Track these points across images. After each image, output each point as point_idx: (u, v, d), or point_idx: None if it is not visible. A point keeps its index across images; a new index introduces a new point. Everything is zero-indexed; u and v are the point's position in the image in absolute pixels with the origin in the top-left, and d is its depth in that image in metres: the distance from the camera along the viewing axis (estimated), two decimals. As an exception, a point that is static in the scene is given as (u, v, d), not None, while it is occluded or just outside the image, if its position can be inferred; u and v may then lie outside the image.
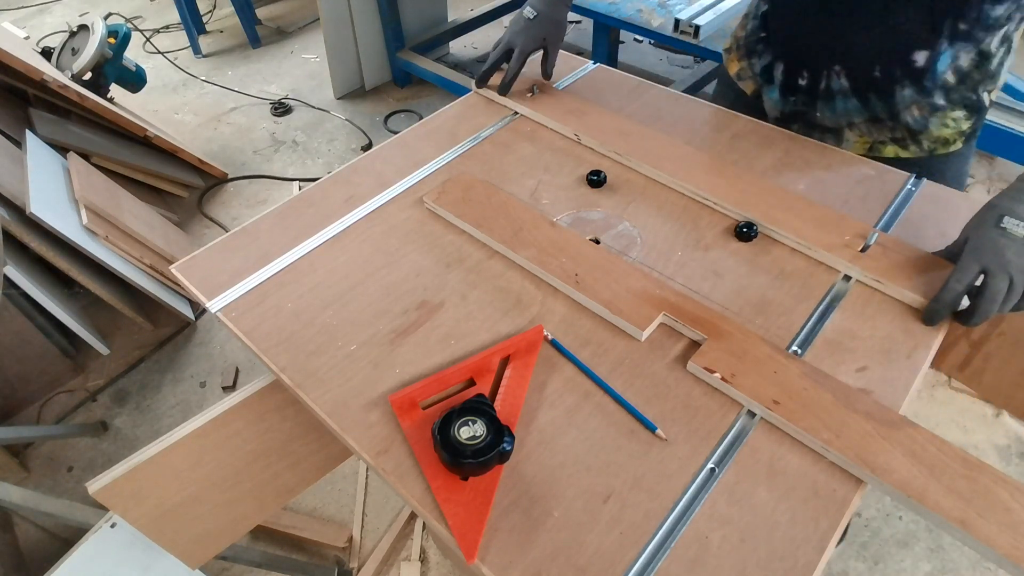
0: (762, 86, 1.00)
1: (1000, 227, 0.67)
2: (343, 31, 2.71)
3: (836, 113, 0.93)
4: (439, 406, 0.64)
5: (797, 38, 0.92)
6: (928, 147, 0.91)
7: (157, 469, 0.74)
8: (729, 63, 1.06)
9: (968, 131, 0.90)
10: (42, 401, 1.79)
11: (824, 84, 0.91)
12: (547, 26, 1.02)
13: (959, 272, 0.67)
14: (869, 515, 1.47)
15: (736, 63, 1.05)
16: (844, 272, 0.76)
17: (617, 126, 0.97)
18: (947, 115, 0.88)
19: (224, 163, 2.56)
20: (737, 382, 0.64)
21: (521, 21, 1.02)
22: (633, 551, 0.54)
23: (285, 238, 0.85)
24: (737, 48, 1.05)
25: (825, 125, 0.96)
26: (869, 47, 0.85)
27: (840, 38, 0.87)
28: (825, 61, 0.90)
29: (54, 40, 3.21)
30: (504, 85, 1.05)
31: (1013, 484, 0.55)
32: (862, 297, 0.74)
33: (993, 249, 0.66)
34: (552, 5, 1.02)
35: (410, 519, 1.50)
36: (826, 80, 0.91)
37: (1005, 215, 0.68)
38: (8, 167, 1.70)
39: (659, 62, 3.00)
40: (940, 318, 0.69)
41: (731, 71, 1.06)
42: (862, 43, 0.85)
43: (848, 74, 0.89)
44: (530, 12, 1.02)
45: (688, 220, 0.85)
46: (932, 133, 0.90)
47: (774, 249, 0.80)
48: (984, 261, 0.66)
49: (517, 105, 1.04)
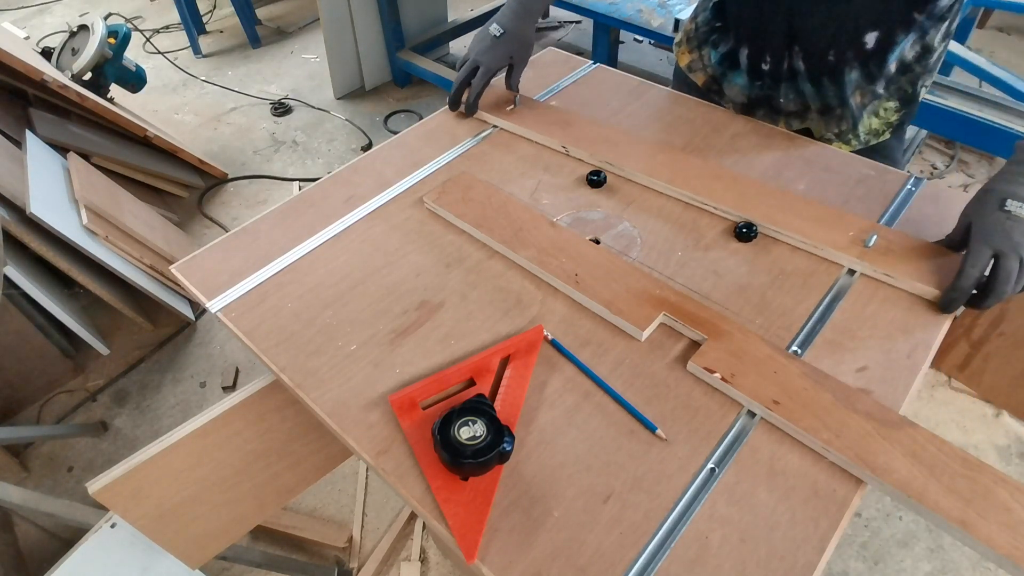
0: (724, 74, 1.01)
1: (1004, 210, 0.68)
2: (343, 31, 2.71)
3: (799, 95, 0.95)
4: (439, 406, 0.64)
5: (756, 22, 0.94)
6: (864, 139, 0.96)
7: (157, 469, 0.74)
8: (680, 55, 1.08)
9: (896, 122, 0.95)
10: (42, 401, 1.79)
11: (786, 65, 0.93)
12: (513, 44, 1.00)
13: (972, 257, 0.68)
14: (869, 515, 1.47)
15: (687, 55, 1.06)
16: (848, 267, 0.76)
17: (605, 135, 0.96)
18: (880, 104, 0.92)
19: (224, 163, 2.56)
20: (737, 382, 0.64)
21: (487, 39, 1.00)
22: (633, 551, 0.54)
23: (285, 238, 0.85)
24: (688, 40, 1.06)
25: (789, 110, 0.98)
26: (823, 29, 0.88)
27: (797, 18, 0.89)
28: (784, 43, 0.92)
29: (54, 40, 3.21)
30: (469, 106, 1.02)
31: (1013, 484, 0.55)
32: (866, 292, 0.74)
33: (1001, 231, 0.67)
34: (519, 22, 1.00)
35: (410, 519, 1.50)
36: (788, 61, 0.93)
37: (1007, 198, 0.69)
38: (8, 167, 1.70)
39: (659, 62, 3.00)
40: (958, 305, 0.70)
41: (681, 63, 1.08)
42: (817, 25, 0.88)
43: (805, 56, 0.91)
44: (496, 29, 0.99)
45: (688, 220, 0.85)
46: (866, 123, 0.94)
47: (775, 249, 0.80)
48: (995, 244, 0.67)
49: (497, 119, 1.02)
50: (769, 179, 0.90)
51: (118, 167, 2.14)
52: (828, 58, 0.90)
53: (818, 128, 0.98)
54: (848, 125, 0.95)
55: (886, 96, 0.92)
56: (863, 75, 0.90)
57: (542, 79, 1.12)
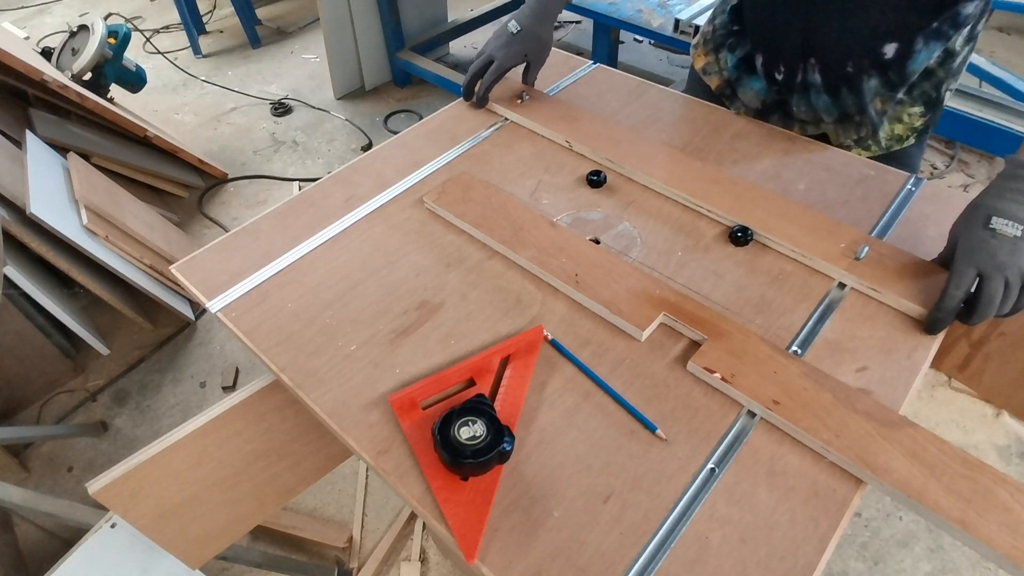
0: (740, 78, 1.00)
1: (989, 228, 0.66)
2: (343, 31, 2.71)
3: (811, 107, 0.94)
4: (439, 406, 0.64)
5: (771, 30, 0.93)
6: (886, 144, 0.93)
7: (157, 469, 0.74)
8: (696, 57, 1.08)
9: (920, 127, 0.92)
10: (42, 401, 1.79)
11: (800, 78, 0.92)
12: (529, 42, 1.00)
13: (955, 278, 0.66)
14: (869, 515, 1.47)
15: (703, 57, 1.06)
16: (839, 280, 0.76)
17: (609, 133, 0.96)
18: (904, 110, 0.90)
19: (224, 163, 2.56)
20: (737, 382, 0.64)
21: (504, 35, 0.99)
22: (633, 551, 0.54)
23: (285, 238, 0.85)
24: (704, 43, 1.06)
25: (802, 118, 0.97)
26: (841, 40, 0.86)
27: (813, 32, 0.87)
28: (800, 55, 0.91)
29: (54, 40, 3.21)
30: (480, 98, 1.03)
31: (1013, 484, 0.55)
32: (858, 304, 0.73)
33: (986, 251, 0.66)
34: (537, 20, 0.99)
35: (410, 519, 1.50)
36: (802, 74, 0.92)
37: (992, 215, 0.67)
38: (8, 167, 1.70)
39: (659, 62, 3.00)
40: (943, 326, 0.68)
41: (697, 65, 1.07)
42: (834, 37, 0.86)
43: (822, 69, 0.90)
44: (514, 26, 0.99)
45: (688, 221, 0.85)
46: (888, 129, 0.92)
47: (768, 255, 0.80)
48: (978, 264, 0.66)
49: (507, 111, 1.03)
50: (769, 179, 0.90)
51: (118, 167, 2.14)
52: (846, 69, 0.88)
53: (835, 135, 0.96)
54: (868, 131, 0.92)
55: (909, 101, 0.90)
56: (883, 83, 0.88)
57: (542, 79, 1.12)
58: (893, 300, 0.72)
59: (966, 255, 0.67)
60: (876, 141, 0.93)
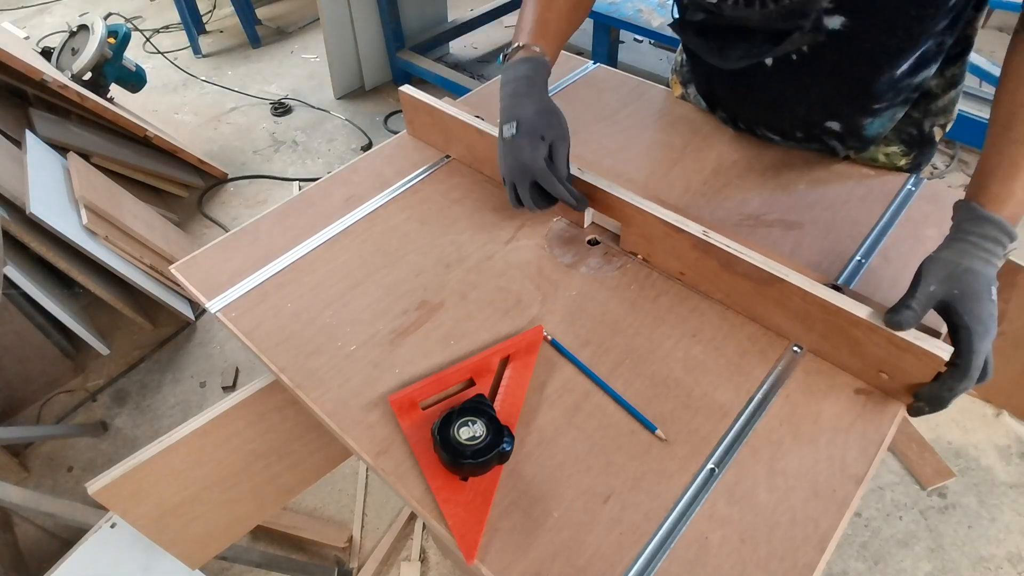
0: (712, 109, 1.00)
1: (992, 300, 0.59)
2: (343, 31, 2.71)
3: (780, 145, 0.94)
4: (439, 406, 0.64)
5: (721, 99, 0.94)
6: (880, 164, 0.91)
7: (157, 469, 0.74)
8: (673, 85, 1.07)
9: (906, 166, 0.89)
10: (42, 401, 1.79)
11: (760, 133, 0.93)
12: (531, 135, 0.74)
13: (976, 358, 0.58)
14: (869, 515, 1.47)
15: (678, 87, 1.06)
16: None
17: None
18: (879, 151, 0.89)
19: (224, 163, 2.56)
20: (654, 261, 0.77)
21: (502, 147, 0.77)
22: (633, 551, 0.54)
23: (285, 238, 0.85)
24: (677, 71, 1.05)
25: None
26: (781, 119, 0.87)
27: (754, 107, 0.89)
28: (752, 121, 0.92)
29: (54, 40, 3.21)
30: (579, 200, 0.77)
31: (865, 324, 0.61)
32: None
33: (993, 326, 0.59)
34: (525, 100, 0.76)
35: (410, 519, 1.50)
36: (760, 131, 0.93)
37: (992, 285, 0.59)
38: (8, 167, 1.70)
39: (659, 62, 3.00)
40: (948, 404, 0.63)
41: (675, 93, 1.07)
42: (772, 115, 0.88)
43: (775, 132, 0.91)
44: (508, 130, 0.75)
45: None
46: (870, 156, 0.90)
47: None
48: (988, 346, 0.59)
49: None
50: (769, 179, 0.90)
51: (118, 167, 2.14)
52: (796, 135, 0.88)
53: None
54: (852, 155, 0.90)
55: (884, 143, 0.87)
56: (842, 144, 0.86)
57: (542, 79, 1.12)
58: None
59: (984, 334, 0.58)
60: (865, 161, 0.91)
